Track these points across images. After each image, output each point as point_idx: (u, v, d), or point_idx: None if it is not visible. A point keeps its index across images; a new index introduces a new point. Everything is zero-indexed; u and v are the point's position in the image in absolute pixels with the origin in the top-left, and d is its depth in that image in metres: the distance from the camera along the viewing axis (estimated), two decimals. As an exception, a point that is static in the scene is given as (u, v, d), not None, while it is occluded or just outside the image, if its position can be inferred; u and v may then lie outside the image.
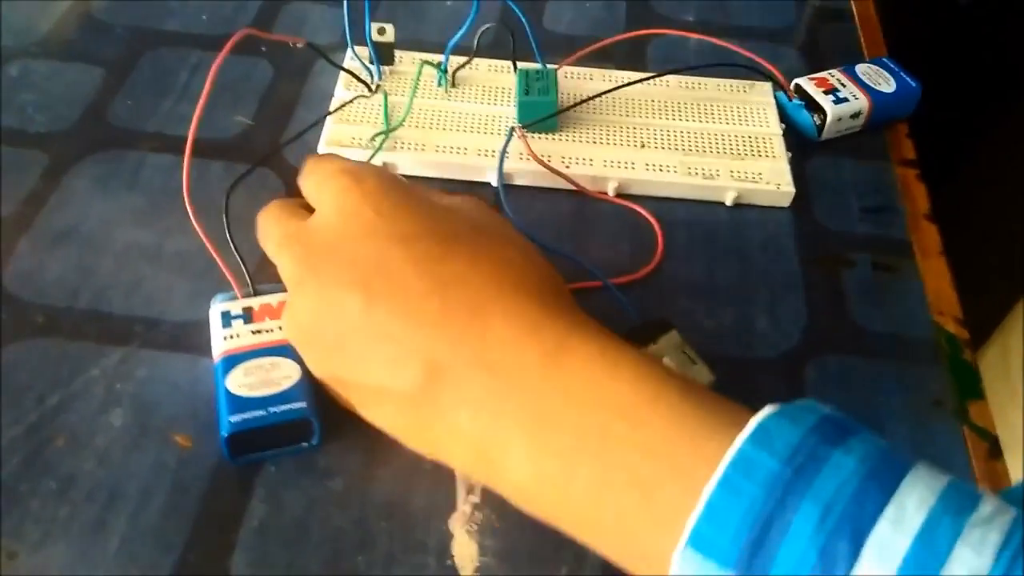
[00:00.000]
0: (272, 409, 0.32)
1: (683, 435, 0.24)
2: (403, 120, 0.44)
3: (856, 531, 0.21)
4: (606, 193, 0.43)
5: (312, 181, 0.33)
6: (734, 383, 0.35)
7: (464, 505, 0.32)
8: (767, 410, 0.24)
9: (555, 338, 0.27)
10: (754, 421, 0.23)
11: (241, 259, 0.36)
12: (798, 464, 0.22)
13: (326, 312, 0.29)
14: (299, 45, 0.44)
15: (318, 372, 0.32)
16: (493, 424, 0.27)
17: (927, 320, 0.39)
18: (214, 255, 0.35)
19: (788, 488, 0.21)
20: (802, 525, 0.21)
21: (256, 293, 0.36)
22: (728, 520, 0.22)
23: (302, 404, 0.32)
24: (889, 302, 0.40)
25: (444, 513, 0.32)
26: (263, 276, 0.36)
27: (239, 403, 0.32)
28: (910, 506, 0.21)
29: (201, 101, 0.35)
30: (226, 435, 0.31)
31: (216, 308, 0.35)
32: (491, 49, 0.47)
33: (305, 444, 0.33)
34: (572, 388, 0.26)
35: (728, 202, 0.43)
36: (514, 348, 0.27)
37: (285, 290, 0.35)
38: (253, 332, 0.34)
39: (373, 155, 0.43)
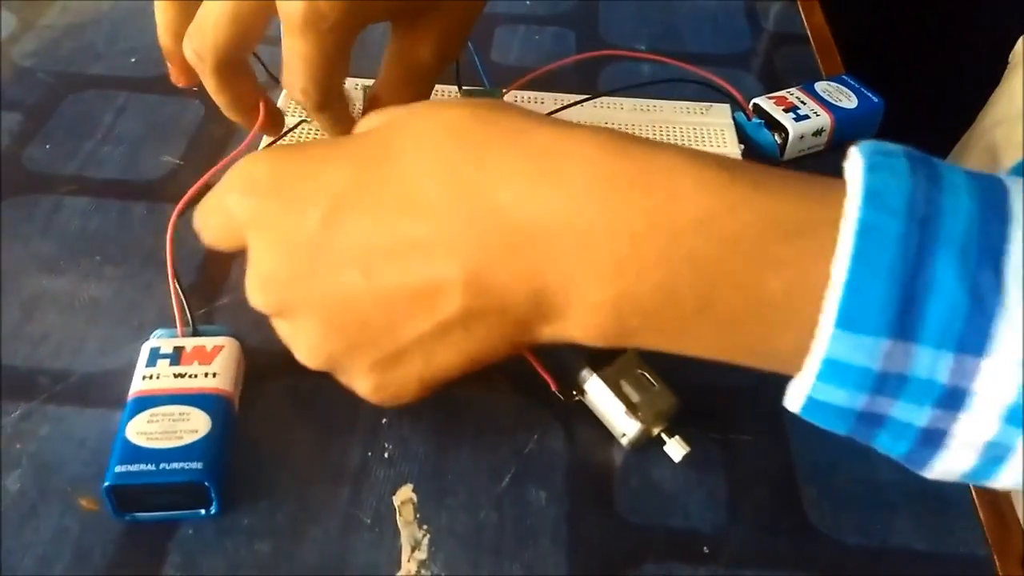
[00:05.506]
0: (164, 466, 0.28)
1: (800, 214, 0.23)
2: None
3: (994, 261, 0.21)
4: (560, 221, 0.41)
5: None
6: (702, 413, 0.32)
7: (409, 563, 0.28)
8: (862, 172, 0.22)
9: None
10: (859, 186, 0.22)
11: (184, 298, 0.33)
12: (920, 217, 0.21)
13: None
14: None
15: (318, 354, 0.27)
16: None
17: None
18: (172, 288, 0.33)
19: (920, 243, 0.21)
20: (945, 273, 0.21)
21: (196, 334, 0.32)
22: (872, 292, 0.21)
23: (198, 465, 0.28)
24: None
25: (387, 573, 0.28)
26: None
27: (131, 453, 0.28)
28: None
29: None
30: (106, 485, 0.27)
31: (148, 344, 0.32)
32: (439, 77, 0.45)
33: (202, 512, 0.29)
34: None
35: (690, 225, 0.41)
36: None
37: (227, 335, 0.32)
38: (176, 375, 0.30)
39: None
